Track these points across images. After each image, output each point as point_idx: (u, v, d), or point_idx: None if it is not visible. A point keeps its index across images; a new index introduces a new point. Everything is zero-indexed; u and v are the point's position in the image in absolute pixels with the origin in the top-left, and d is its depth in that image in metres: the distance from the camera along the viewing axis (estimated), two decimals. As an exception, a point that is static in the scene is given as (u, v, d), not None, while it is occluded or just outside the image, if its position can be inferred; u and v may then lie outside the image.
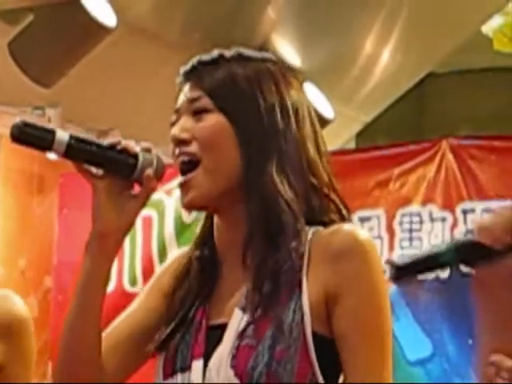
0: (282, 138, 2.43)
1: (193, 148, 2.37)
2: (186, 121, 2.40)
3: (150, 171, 2.30)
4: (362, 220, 5.34)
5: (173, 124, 2.43)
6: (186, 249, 2.64)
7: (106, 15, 5.56)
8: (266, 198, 2.40)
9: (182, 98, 2.46)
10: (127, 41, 5.88)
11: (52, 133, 2.17)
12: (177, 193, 5.52)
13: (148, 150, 2.31)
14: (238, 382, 2.34)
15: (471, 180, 5.25)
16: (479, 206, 5.06)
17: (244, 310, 2.39)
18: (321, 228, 2.37)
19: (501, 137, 5.37)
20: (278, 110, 2.42)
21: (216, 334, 2.43)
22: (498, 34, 7.67)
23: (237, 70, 2.42)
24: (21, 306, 3.13)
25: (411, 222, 5.21)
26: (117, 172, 2.27)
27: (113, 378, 2.48)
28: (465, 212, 5.12)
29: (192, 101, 2.41)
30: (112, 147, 2.27)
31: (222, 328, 2.41)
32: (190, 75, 2.44)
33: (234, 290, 2.47)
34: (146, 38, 6.17)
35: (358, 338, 2.31)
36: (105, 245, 2.29)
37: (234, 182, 2.38)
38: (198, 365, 2.44)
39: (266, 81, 2.45)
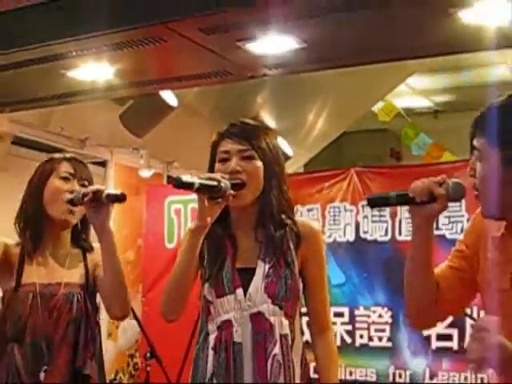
0: (281, 174, 2.87)
1: (243, 176, 2.74)
2: (238, 161, 2.76)
3: (229, 192, 2.62)
4: (308, 210, 5.62)
5: (224, 160, 2.79)
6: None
7: (171, 99, 6.04)
8: (273, 203, 2.81)
9: (231, 146, 2.79)
10: (182, 114, 6.35)
11: (192, 183, 2.53)
12: (194, 195, 6.05)
13: (224, 178, 2.62)
14: (270, 300, 2.73)
15: (366, 188, 5.44)
16: (371, 203, 5.58)
17: (264, 261, 2.78)
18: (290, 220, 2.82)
19: (382, 167, 5.95)
20: (280, 159, 2.90)
21: (246, 274, 2.78)
22: (380, 111, 8.04)
23: (264, 136, 2.85)
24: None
25: (334, 212, 5.56)
26: (210, 193, 2.60)
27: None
28: (363, 206, 5.41)
29: (243, 150, 2.77)
30: (208, 178, 2.61)
31: (249, 270, 2.78)
32: (237, 132, 2.83)
33: (248, 250, 2.82)
34: (192, 112, 6.67)
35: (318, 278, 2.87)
36: (201, 232, 2.63)
37: (258, 194, 2.78)
38: (240, 291, 2.75)
39: (275, 141, 2.92)
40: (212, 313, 2.78)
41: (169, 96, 6.00)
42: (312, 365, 2.87)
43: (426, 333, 4.76)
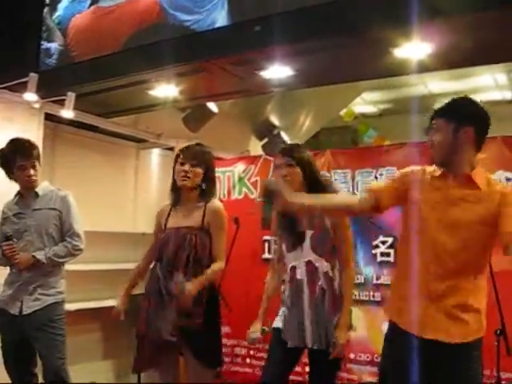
0: (316, 170, 2.91)
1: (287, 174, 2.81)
2: (285, 167, 2.83)
3: None
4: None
5: (276, 167, 2.89)
6: None
7: (213, 107, 5.84)
8: (315, 186, 2.80)
9: (281, 159, 2.86)
10: (220, 117, 6.02)
11: None
12: (229, 168, 5.71)
13: None
14: (314, 253, 2.82)
15: (337, 162, 5.05)
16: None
17: (310, 228, 2.85)
18: None
19: (346, 148, 5.68)
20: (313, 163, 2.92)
21: (303, 235, 2.86)
22: (344, 115, 8.01)
23: (303, 154, 2.88)
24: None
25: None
26: None
27: None
28: (334, 173, 5.04)
29: (288, 163, 2.83)
30: None
31: (303, 234, 2.85)
32: (285, 152, 2.87)
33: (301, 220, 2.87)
34: (226, 115, 6.36)
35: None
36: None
37: (302, 183, 2.81)
38: (301, 246, 2.86)
39: (309, 154, 2.96)
40: (286, 262, 2.96)
41: (212, 105, 5.84)
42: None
43: (373, 251, 4.73)
